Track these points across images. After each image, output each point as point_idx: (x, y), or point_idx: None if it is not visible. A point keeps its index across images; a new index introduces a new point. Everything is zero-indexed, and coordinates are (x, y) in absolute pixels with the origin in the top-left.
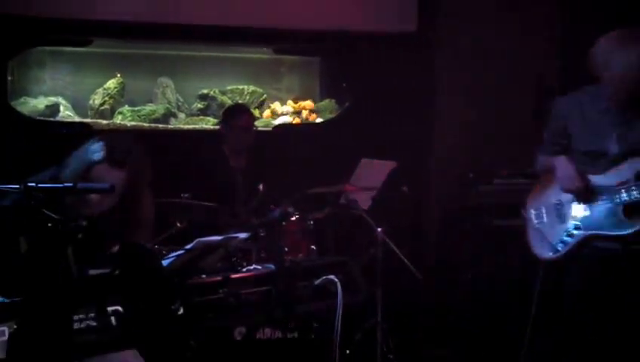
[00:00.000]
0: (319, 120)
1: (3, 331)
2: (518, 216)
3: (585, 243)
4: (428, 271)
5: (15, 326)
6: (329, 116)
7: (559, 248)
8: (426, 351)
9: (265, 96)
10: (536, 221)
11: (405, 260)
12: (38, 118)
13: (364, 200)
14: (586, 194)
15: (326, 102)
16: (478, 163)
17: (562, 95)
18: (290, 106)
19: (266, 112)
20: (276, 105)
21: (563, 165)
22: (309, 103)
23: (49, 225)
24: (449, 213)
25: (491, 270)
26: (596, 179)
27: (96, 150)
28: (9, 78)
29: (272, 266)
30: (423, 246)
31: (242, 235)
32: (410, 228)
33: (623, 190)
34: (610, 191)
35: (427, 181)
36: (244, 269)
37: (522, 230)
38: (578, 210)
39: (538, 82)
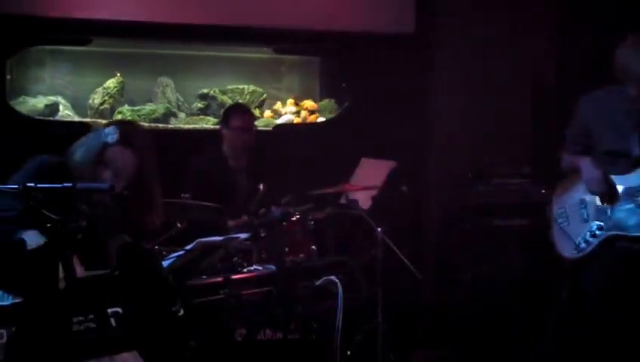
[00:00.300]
0: (322, 119)
1: (2, 334)
2: (517, 216)
3: (607, 243)
4: (428, 271)
5: (14, 329)
6: (329, 116)
7: (582, 247)
8: (427, 351)
9: (265, 95)
10: (560, 220)
11: (405, 260)
12: (37, 117)
13: (365, 200)
14: (610, 197)
15: (326, 102)
16: (477, 163)
17: (560, 95)
18: (292, 106)
19: (267, 113)
20: (279, 106)
21: (589, 167)
22: (310, 104)
23: (48, 225)
24: (449, 213)
25: (491, 270)
26: (620, 181)
27: (110, 132)
28: (8, 77)
29: (272, 267)
30: (422, 246)
31: (243, 236)
32: (410, 228)
33: None
34: (633, 192)
35: (427, 181)
36: (245, 270)
37: (523, 229)
38: (601, 211)
39: (536, 82)
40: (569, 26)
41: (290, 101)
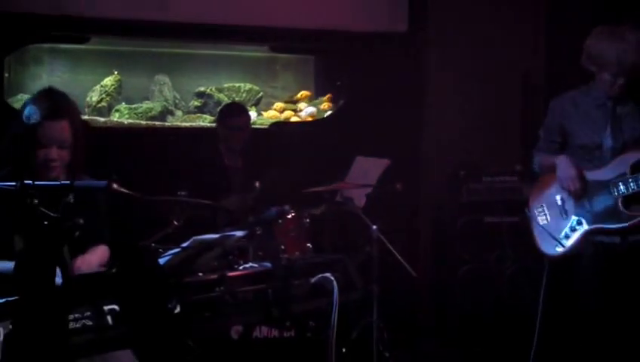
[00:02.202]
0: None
1: None
2: (508, 213)
3: (588, 237)
4: (422, 268)
5: (10, 327)
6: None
7: (564, 243)
8: (421, 348)
9: (261, 93)
10: (539, 219)
11: (400, 257)
12: None
13: (359, 198)
14: (583, 193)
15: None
16: (469, 161)
17: (549, 94)
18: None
19: (267, 112)
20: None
21: (565, 165)
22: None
23: (45, 223)
24: (441, 210)
25: (484, 266)
26: (595, 175)
27: (30, 113)
28: (6, 75)
29: (268, 264)
30: (416, 243)
31: (239, 233)
32: (404, 225)
33: (620, 183)
34: (609, 184)
35: (420, 179)
36: (241, 267)
37: (513, 226)
38: (580, 206)
39: (526, 80)
40: (557, 25)
41: (304, 93)
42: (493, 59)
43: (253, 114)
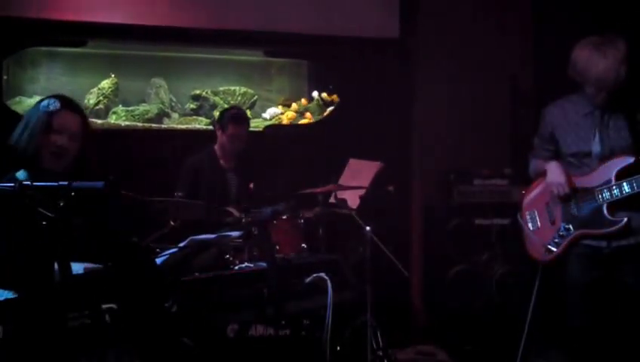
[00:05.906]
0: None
1: None
2: (497, 215)
3: (576, 242)
4: (414, 269)
5: (9, 325)
6: (317, 117)
7: (553, 248)
8: (414, 347)
9: (256, 97)
10: (530, 225)
11: (393, 258)
12: None
13: (353, 200)
14: (572, 199)
15: (314, 104)
16: (460, 164)
17: (537, 97)
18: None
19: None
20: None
21: (554, 171)
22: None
23: (43, 223)
24: (433, 212)
25: (474, 267)
26: (582, 181)
27: (50, 103)
28: (4, 77)
29: (263, 264)
30: (408, 244)
31: (235, 234)
32: (396, 226)
33: (605, 190)
34: (594, 191)
35: (412, 181)
36: (237, 267)
37: (503, 228)
38: (568, 212)
39: (515, 84)
40: (545, 30)
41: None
42: (482, 64)
43: (275, 110)
